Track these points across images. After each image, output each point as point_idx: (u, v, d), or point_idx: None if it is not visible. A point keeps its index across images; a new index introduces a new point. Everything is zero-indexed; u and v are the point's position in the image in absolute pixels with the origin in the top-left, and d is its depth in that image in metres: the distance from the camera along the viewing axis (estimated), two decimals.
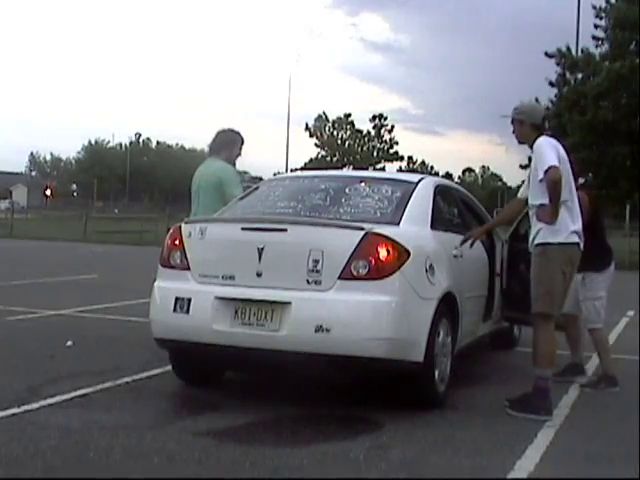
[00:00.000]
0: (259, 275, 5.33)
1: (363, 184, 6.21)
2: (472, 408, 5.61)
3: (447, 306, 5.66)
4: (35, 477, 3.91)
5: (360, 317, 5.11)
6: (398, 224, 5.63)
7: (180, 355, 5.88)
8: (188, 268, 5.57)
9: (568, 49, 29.58)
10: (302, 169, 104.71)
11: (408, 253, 5.27)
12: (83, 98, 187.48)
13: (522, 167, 31.95)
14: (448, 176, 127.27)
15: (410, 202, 5.88)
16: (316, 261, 5.19)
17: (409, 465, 4.27)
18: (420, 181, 6.29)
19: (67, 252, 24.00)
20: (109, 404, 5.33)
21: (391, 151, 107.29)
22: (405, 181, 6.40)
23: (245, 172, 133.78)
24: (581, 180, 7.55)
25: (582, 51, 29.88)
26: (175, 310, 5.46)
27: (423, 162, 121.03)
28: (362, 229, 5.25)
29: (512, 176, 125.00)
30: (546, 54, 29.54)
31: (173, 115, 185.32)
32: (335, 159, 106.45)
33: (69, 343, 7.38)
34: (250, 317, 5.29)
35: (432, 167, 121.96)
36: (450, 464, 4.31)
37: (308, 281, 5.20)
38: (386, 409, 5.41)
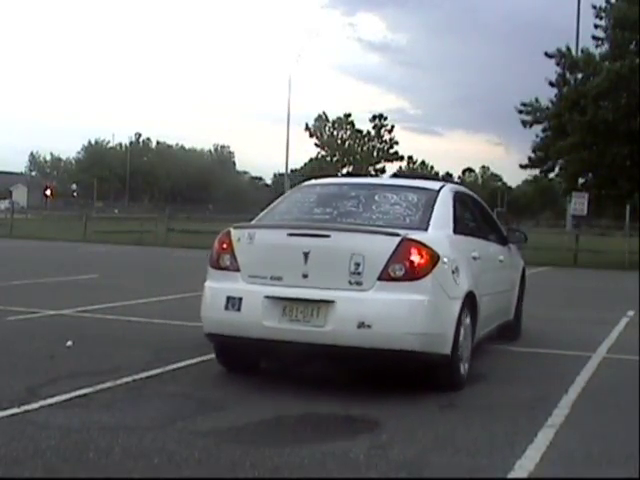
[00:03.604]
0: (305, 276, 5.87)
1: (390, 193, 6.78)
2: (472, 408, 5.61)
3: (469, 303, 6.28)
4: (35, 477, 3.91)
5: (398, 314, 5.70)
6: (426, 229, 6.23)
7: (226, 348, 6.38)
8: (238, 270, 6.07)
9: (568, 49, 29.54)
10: (302, 169, 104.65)
11: (438, 257, 5.87)
12: (83, 98, 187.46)
13: (522, 167, 31.97)
14: (448, 176, 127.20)
15: (435, 209, 6.50)
16: (357, 264, 5.75)
17: (409, 465, 4.26)
18: (441, 189, 6.89)
19: (67, 252, 23.99)
20: (109, 404, 5.32)
21: (391, 151, 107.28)
22: (427, 189, 6.92)
23: (245, 172, 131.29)
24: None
25: (582, 51, 29.85)
26: (227, 308, 5.98)
27: (423, 162, 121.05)
28: (398, 235, 5.82)
29: (512, 176, 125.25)
30: (546, 54, 29.49)
31: (173, 115, 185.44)
32: (335, 159, 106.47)
33: (69, 343, 7.37)
34: (297, 314, 5.82)
35: (432, 167, 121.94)
36: (450, 464, 4.31)
37: (350, 282, 5.76)
38: (386, 409, 5.41)
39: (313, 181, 7.65)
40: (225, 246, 6.19)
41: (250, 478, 4.01)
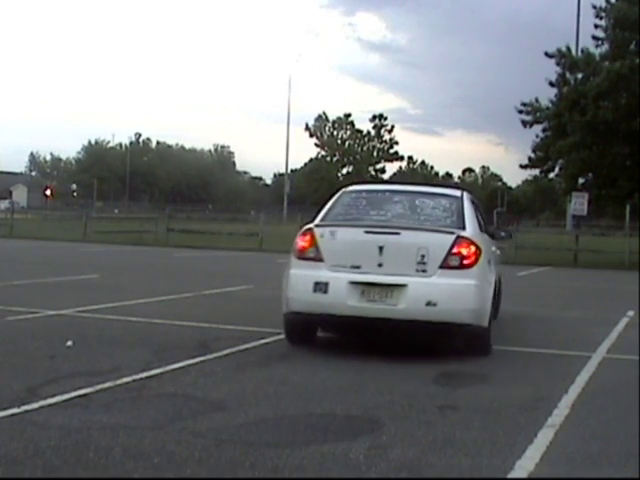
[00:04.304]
0: (380, 265, 7.34)
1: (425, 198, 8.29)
2: (472, 408, 5.61)
3: (495, 287, 8.10)
4: (35, 477, 3.91)
5: (457, 295, 7.28)
6: (464, 229, 7.64)
7: (299, 324, 7.71)
8: (322, 260, 7.43)
9: (568, 49, 29.53)
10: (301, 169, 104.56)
11: (481, 250, 7.46)
12: (83, 98, 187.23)
13: (522, 167, 31.97)
14: (448, 176, 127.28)
15: (464, 212, 7.99)
16: (422, 256, 7.29)
17: (409, 465, 4.26)
18: (462, 195, 8.35)
19: (67, 252, 24.00)
20: (109, 404, 5.32)
21: (391, 151, 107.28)
22: (452, 195, 8.40)
23: (245, 172, 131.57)
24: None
25: (582, 51, 29.84)
26: (315, 291, 7.35)
27: (423, 162, 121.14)
28: (453, 233, 7.41)
29: (512, 176, 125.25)
30: (546, 54, 29.49)
31: (173, 115, 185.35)
32: (335, 159, 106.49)
33: (69, 343, 7.37)
34: (374, 295, 7.29)
35: (432, 167, 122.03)
36: (450, 464, 4.31)
37: (417, 270, 7.29)
38: (386, 409, 5.41)
39: (355, 187, 8.82)
40: (309, 241, 7.53)
41: (250, 478, 4.01)
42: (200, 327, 8.88)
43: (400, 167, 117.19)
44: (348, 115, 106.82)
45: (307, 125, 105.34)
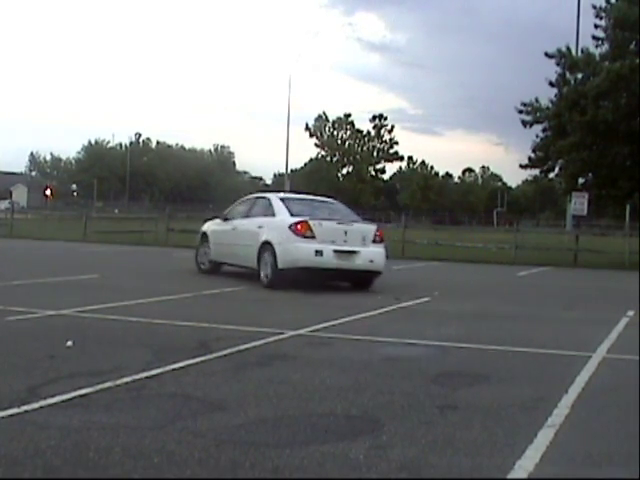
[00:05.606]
0: (345, 241, 13.71)
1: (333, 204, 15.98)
2: (472, 408, 5.61)
3: None
4: (35, 477, 3.91)
5: (380, 256, 14.12)
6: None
7: (291, 275, 13.50)
8: (315, 238, 13.46)
9: (568, 49, 29.51)
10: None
11: (382, 233, 14.75)
12: (83, 98, 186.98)
13: (522, 167, 31.97)
14: (448, 176, 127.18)
15: (350, 210, 15.56)
16: (364, 236, 14.02)
17: (409, 465, 4.26)
18: (338, 200, 16.51)
19: (67, 252, 24.00)
20: (109, 404, 5.31)
21: (391, 151, 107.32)
22: (338, 202, 15.99)
23: (245, 172, 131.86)
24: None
25: (582, 51, 29.83)
26: (315, 255, 13.36)
27: (423, 162, 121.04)
28: (375, 224, 14.92)
29: (512, 176, 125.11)
30: (546, 54, 29.47)
31: (173, 115, 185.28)
32: (335, 159, 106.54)
33: (69, 343, 7.36)
34: (344, 257, 13.61)
35: (432, 167, 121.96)
36: (450, 464, 4.31)
37: (362, 244, 13.85)
38: (386, 409, 5.41)
39: (286, 194, 15.69)
40: (307, 227, 13.48)
41: (250, 478, 4.01)
42: (200, 327, 8.88)
43: (400, 167, 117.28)
44: (348, 115, 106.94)
45: (307, 125, 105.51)
